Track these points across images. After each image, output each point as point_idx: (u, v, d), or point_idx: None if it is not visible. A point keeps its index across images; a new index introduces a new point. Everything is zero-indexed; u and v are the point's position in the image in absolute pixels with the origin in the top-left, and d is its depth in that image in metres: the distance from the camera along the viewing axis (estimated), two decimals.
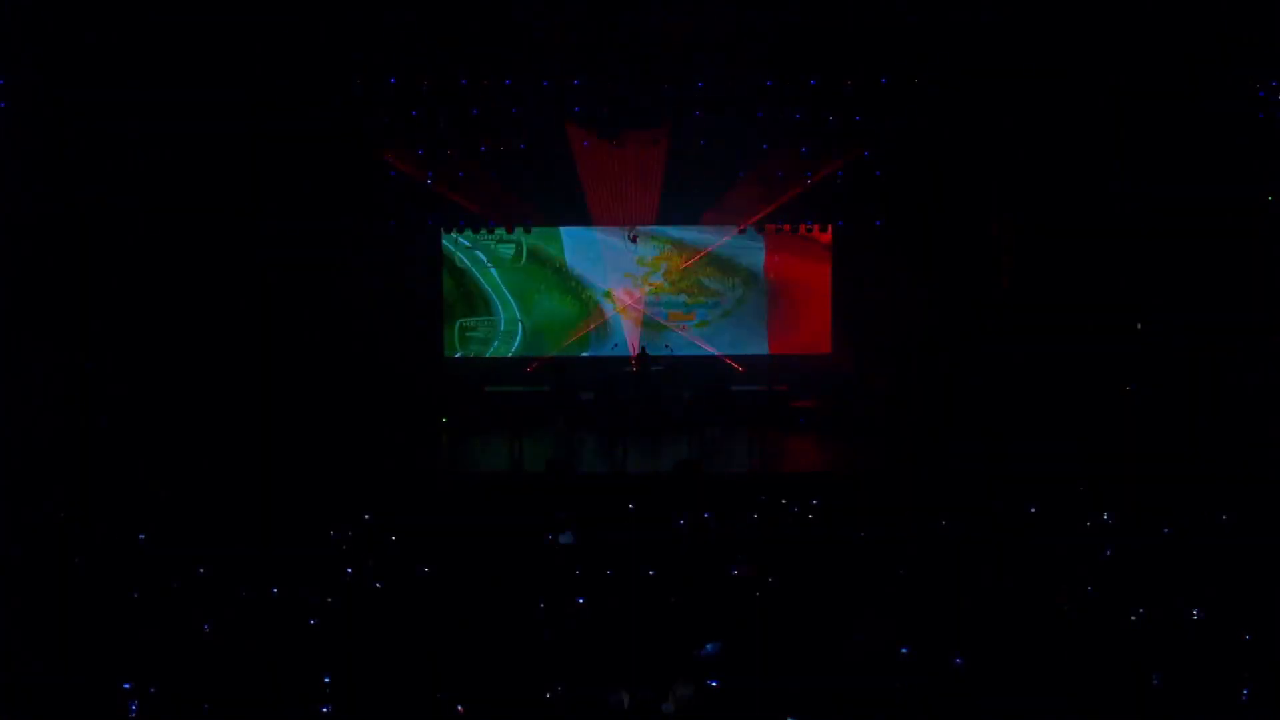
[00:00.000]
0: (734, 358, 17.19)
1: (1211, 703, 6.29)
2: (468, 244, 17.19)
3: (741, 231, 17.01)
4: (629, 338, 17.14)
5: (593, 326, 17.36)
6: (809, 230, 17.11)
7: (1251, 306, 13.19)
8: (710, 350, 17.25)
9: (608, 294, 17.31)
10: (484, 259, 17.27)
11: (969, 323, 15.53)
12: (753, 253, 17.36)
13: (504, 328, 17.38)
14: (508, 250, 17.26)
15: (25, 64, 11.24)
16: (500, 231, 16.93)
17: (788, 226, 17.02)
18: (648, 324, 17.31)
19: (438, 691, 6.29)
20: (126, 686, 6.34)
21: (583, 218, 16.58)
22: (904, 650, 6.84)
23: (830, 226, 17.09)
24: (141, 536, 9.42)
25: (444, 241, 17.10)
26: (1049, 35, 12.78)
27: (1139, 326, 14.32)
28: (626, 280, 17.27)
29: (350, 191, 15.42)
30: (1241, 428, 12.75)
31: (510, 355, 17.32)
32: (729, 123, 15.11)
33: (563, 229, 17.10)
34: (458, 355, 17.25)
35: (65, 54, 11.49)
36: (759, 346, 17.41)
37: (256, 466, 11.83)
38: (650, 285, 17.24)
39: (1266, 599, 7.54)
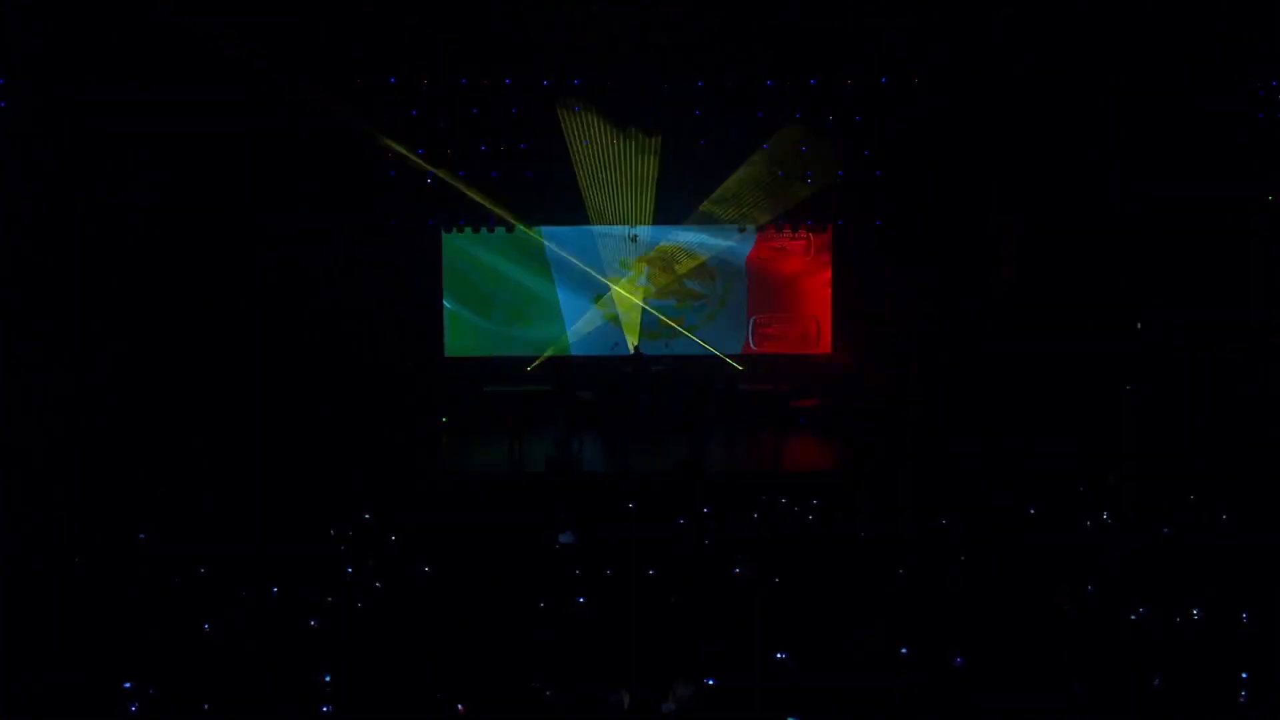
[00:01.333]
0: (734, 357, 17.20)
1: (1211, 703, 6.30)
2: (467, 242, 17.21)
3: (743, 231, 17.02)
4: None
5: (591, 325, 17.37)
6: (809, 230, 17.12)
7: (1251, 306, 13.19)
8: (710, 350, 17.24)
9: (598, 299, 17.33)
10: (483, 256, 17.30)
11: (969, 323, 15.53)
12: (745, 251, 17.41)
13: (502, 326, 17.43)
14: (506, 248, 17.26)
15: (25, 64, 11.24)
16: (500, 230, 16.93)
17: (788, 226, 17.03)
18: (643, 328, 17.31)
19: (438, 691, 6.30)
20: (127, 686, 6.34)
21: (583, 217, 16.57)
22: (904, 650, 6.84)
23: (830, 226, 17.10)
24: (141, 536, 9.42)
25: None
26: (1049, 35, 12.78)
27: (1139, 326, 14.32)
28: (625, 280, 17.29)
29: (350, 191, 15.41)
30: (1241, 428, 12.75)
31: (510, 355, 17.33)
32: (729, 122, 15.12)
33: (563, 228, 17.10)
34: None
35: (65, 54, 11.48)
36: (757, 346, 17.41)
37: (256, 466, 11.84)
38: (641, 288, 17.26)
39: (1266, 599, 7.54)
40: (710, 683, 6.29)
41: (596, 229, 16.89)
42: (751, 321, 17.50)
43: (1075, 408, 13.51)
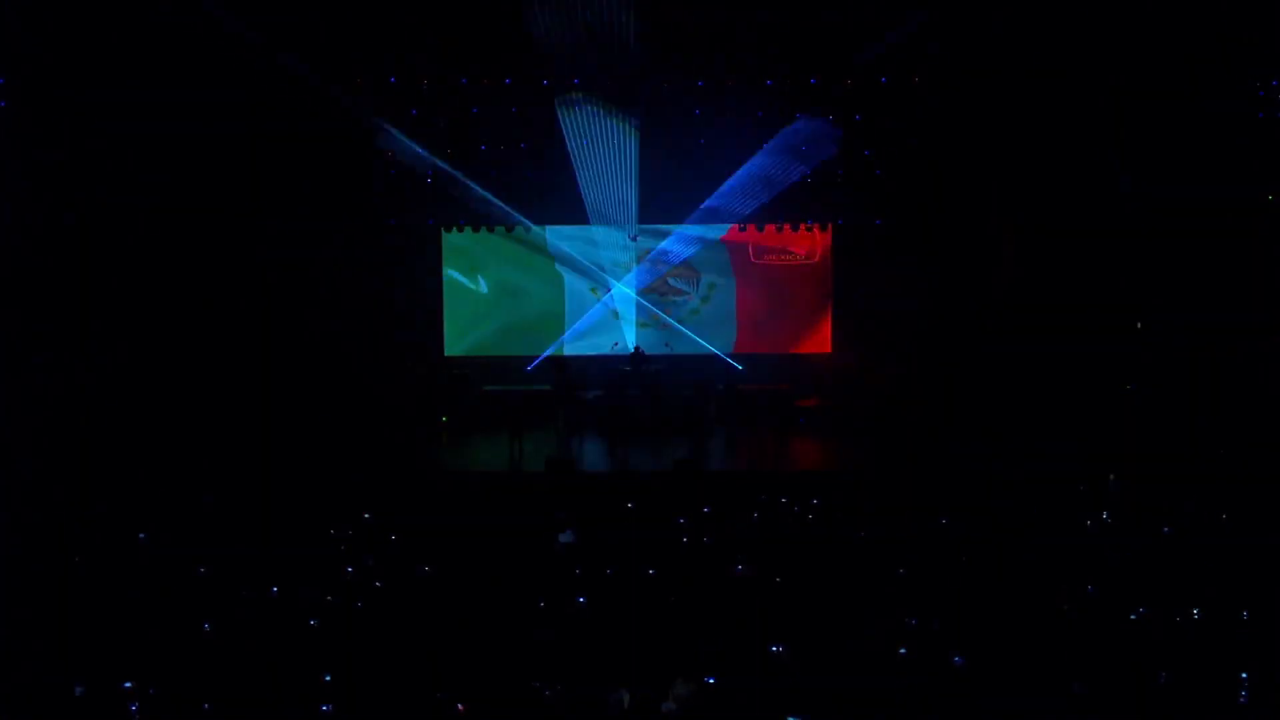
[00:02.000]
0: (731, 356, 17.21)
1: (1211, 702, 6.30)
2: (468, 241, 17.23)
3: (742, 229, 17.04)
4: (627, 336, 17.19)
5: (591, 324, 17.38)
6: (809, 229, 17.14)
7: (1251, 306, 13.19)
8: (710, 349, 17.25)
9: (593, 290, 17.35)
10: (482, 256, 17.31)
11: (969, 323, 15.54)
12: (745, 250, 17.41)
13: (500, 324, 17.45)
14: (505, 246, 17.27)
15: (25, 64, 11.24)
16: (500, 229, 16.94)
17: (787, 226, 17.04)
18: (644, 324, 17.33)
19: (438, 691, 6.30)
20: (127, 686, 6.34)
21: (583, 216, 16.59)
22: (904, 650, 6.84)
23: (830, 226, 17.11)
24: (142, 536, 9.43)
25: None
26: (1049, 35, 12.77)
27: (1139, 326, 14.32)
28: (624, 278, 17.30)
29: (350, 191, 15.43)
30: (1241, 428, 12.75)
31: (510, 354, 17.34)
32: (729, 121, 15.12)
33: (562, 227, 17.11)
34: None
35: (65, 54, 11.48)
36: (755, 345, 17.42)
37: (256, 466, 11.84)
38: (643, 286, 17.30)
39: (1266, 599, 7.54)
40: (710, 682, 6.29)
41: (596, 228, 16.91)
42: (750, 320, 17.50)
43: (1075, 408, 13.51)
